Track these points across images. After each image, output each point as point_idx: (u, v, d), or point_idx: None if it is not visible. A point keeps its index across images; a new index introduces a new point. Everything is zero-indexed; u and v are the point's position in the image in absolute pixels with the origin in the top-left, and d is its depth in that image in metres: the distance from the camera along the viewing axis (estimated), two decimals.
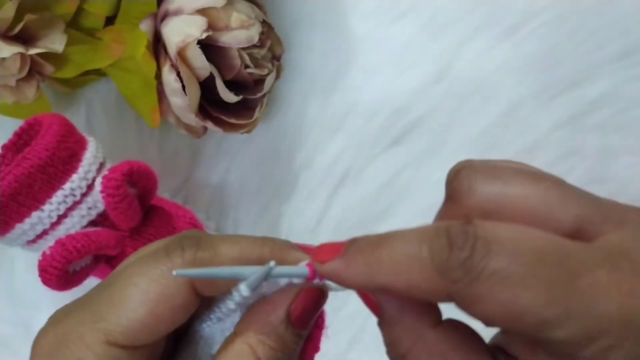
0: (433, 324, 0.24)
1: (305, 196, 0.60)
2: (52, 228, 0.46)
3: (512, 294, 0.20)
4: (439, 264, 0.21)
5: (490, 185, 0.23)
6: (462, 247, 0.20)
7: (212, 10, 0.49)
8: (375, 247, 0.23)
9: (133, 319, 0.24)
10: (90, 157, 0.47)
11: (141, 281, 0.25)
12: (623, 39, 0.57)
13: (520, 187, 0.23)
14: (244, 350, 0.25)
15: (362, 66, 0.60)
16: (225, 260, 0.25)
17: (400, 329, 0.24)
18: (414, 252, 0.21)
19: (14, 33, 0.47)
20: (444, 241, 0.21)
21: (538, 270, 0.20)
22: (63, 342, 0.25)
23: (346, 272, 0.23)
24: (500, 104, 0.58)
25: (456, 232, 0.21)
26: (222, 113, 0.53)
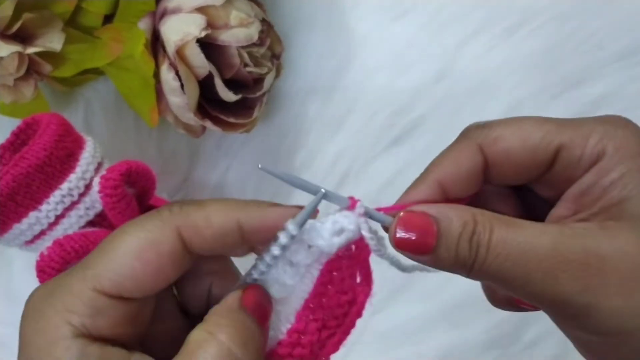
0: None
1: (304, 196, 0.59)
2: (50, 228, 0.46)
3: (519, 124, 0.29)
4: (463, 134, 0.30)
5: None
6: (478, 124, 0.30)
7: (211, 9, 0.49)
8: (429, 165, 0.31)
9: (121, 265, 0.25)
10: (88, 157, 0.47)
11: (132, 230, 0.26)
12: (624, 39, 0.57)
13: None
14: (202, 337, 0.25)
15: (362, 65, 0.59)
16: (210, 210, 0.26)
17: (461, 216, 0.27)
18: (451, 150, 0.31)
19: (11, 32, 0.47)
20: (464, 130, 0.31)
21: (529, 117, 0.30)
22: (51, 294, 0.25)
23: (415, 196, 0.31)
24: (501, 103, 0.58)
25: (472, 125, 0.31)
26: (221, 112, 0.52)
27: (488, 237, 0.26)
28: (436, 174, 0.30)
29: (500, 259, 0.26)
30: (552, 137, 0.28)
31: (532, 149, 0.28)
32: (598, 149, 0.27)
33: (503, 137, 0.29)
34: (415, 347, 0.56)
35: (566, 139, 0.28)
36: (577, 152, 0.28)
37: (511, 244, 0.26)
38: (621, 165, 0.27)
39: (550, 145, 0.28)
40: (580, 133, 0.28)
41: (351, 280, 0.29)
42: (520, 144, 0.28)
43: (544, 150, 0.28)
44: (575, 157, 0.28)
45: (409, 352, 0.56)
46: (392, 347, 0.56)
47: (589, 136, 0.28)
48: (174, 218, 0.26)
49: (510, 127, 0.29)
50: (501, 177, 0.30)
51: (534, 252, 0.26)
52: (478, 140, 0.29)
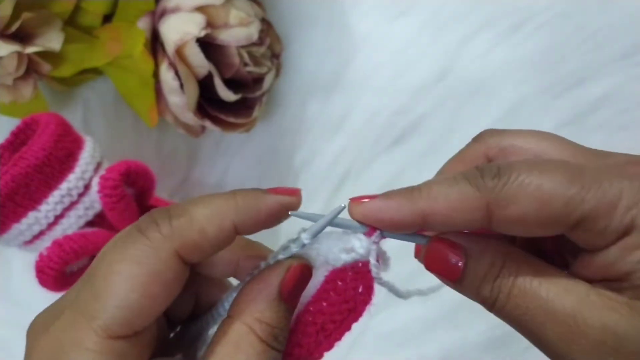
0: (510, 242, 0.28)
1: (305, 196, 0.59)
2: (49, 228, 0.46)
3: (538, 184, 0.24)
4: (475, 182, 0.25)
5: (509, 134, 0.30)
6: (490, 168, 0.25)
7: (210, 8, 0.49)
8: (413, 188, 0.26)
9: (126, 307, 0.24)
10: (87, 157, 0.46)
11: (122, 267, 0.24)
12: (626, 38, 0.57)
13: (533, 138, 0.29)
14: (243, 330, 0.25)
15: (362, 65, 0.59)
16: (203, 220, 0.25)
17: (490, 254, 0.27)
18: (449, 183, 0.26)
19: (11, 31, 0.47)
20: (474, 170, 0.26)
21: (553, 165, 0.25)
22: (59, 351, 0.24)
23: (387, 206, 0.26)
24: (503, 103, 0.58)
25: (483, 166, 0.26)
26: (221, 112, 0.52)
27: (510, 285, 0.26)
28: (425, 205, 0.26)
29: (519, 311, 0.26)
30: (573, 208, 0.24)
31: (548, 217, 0.25)
32: (626, 221, 0.24)
33: (517, 199, 0.25)
34: (416, 348, 0.56)
35: (590, 208, 0.24)
36: (602, 224, 0.24)
37: (532, 298, 0.25)
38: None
39: (570, 216, 0.25)
40: (607, 200, 0.24)
41: (354, 291, 0.29)
42: (536, 212, 0.25)
43: (564, 220, 0.25)
44: (600, 228, 0.25)
45: (410, 353, 0.56)
46: (393, 348, 0.56)
47: (617, 204, 0.24)
48: (168, 241, 0.25)
49: (528, 186, 0.24)
50: (505, 230, 0.26)
51: (554, 314, 0.25)
52: (489, 195, 0.25)
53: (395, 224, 0.26)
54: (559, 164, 0.25)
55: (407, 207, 0.26)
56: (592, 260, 0.26)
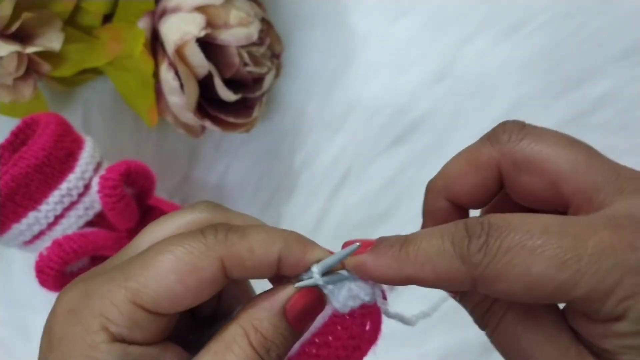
0: None
1: (305, 196, 0.59)
2: (49, 228, 0.46)
3: (527, 265, 0.23)
4: (460, 252, 0.24)
5: (527, 141, 0.27)
6: (480, 234, 0.24)
7: (210, 8, 0.49)
8: (403, 243, 0.26)
9: (163, 284, 0.25)
10: (87, 157, 0.47)
11: (177, 250, 0.25)
12: (626, 38, 0.57)
13: (552, 149, 0.27)
14: (238, 332, 0.26)
15: (362, 65, 0.59)
16: (254, 241, 0.26)
17: None
18: (438, 245, 0.25)
19: (11, 31, 0.47)
20: (463, 233, 0.24)
21: (547, 240, 0.23)
22: (88, 296, 0.25)
23: (375, 265, 0.26)
24: (503, 103, 0.58)
25: (472, 224, 0.24)
26: (221, 112, 0.52)
27: (497, 321, 0.27)
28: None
29: (500, 346, 0.27)
30: (565, 291, 0.23)
31: (538, 299, 0.24)
32: (619, 311, 0.23)
33: (505, 276, 0.23)
34: (416, 348, 0.56)
35: (582, 294, 0.23)
36: (594, 307, 0.23)
37: (511, 341, 0.26)
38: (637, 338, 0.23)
39: (561, 299, 0.23)
40: (602, 288, 0.23)
41: (361, 328, 0.30)
42: (523, 293, 0.23)
43: (554, 301, 0.24)
44: (591, 310, 0.23)
45: (409, 353, 0.56)
46: (392, 348, 0.56)
47: (612, 293, 0.23)
48: (219, 247, 0.26)
49: (516, 266, 0.23)
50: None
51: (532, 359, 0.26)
52: (475, 271, 0.24)
53: (384, 282, 0.27)
54: (557, 236, 0.23)
55: (395, 272, 0.26)
56: (584, 322, 0.25)
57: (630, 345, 0.23)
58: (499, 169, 0.28)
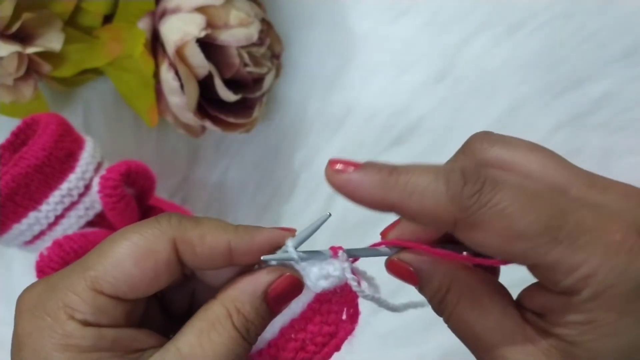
0: (461, 268, 0.29)
1: (305, 196, 0.60)
2: (50, 228, 0.46)
3: (512, 220, 0.24)
4: (453, 193, 0.25)
5: (498, 147, 0.28)
6: (475, 182, 0.25)
7: (211, 9, 0.49)
8: (393, 170, 0.26)
9: (120, 269, 0.26)
10: (87, 157, 0.47)
11: (131, 236, 0.27)
12: (625, 38, 0.57)
13: (523, 153, 0.28)
14: (222, 313, 0.27)
15: (362, 65, 0.59)
16: (205, 228, 0.28)
17: (437, 278, 0.28)
18: (430, 181, 0.25)
19: (11, 32, 0.47)
20: (459, 176, 0.25)
21: (536, 204, 0.24)
22: (49, 291, 0.26)
23: (361, 183, 0.26)
24: (502, 103, 0.58)
25: (471, 171, 0.25)
26: (221, 112, 0.52)
27: (452, 309, 0.28)
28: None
29: (457, 334, 0.29)
30: (536, 255, 0.25)
31: (510, 255, 0.25)
32: (577, 286, 0.24)
33: (484, 226, 0.24)
34: (416, 347, 0.56)
35: (551, 261, 0.24)
36: (556, 278, 0.25)
37: (464, 327, 0.28)
38: (589, 313, 0.25)
39: (530, 261, 0.25)
40: (570, 262, 0.24)
41: (337, 316, 0.31)
42: (498, 246, 0.25)
43: (524, 261, 0.25)
44: (552, 280, 0.25)
45: (409, 353, 0.56)
46: (392, 348, 0.56)
47: (577, 269, 0.24)
48: (172, 230, 0.27)
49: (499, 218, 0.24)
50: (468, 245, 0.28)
51: (480, 346, 0.28)
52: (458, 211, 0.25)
53: (365, 202, 0.27)
54: (548, 199, 0.25)
55: (380, 193, 0.26)
56: (539, 295, 0.27)
57: (578, 321, 0.25)
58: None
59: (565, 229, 0.24)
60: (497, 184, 0.25)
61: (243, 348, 0.27)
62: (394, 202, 0.26)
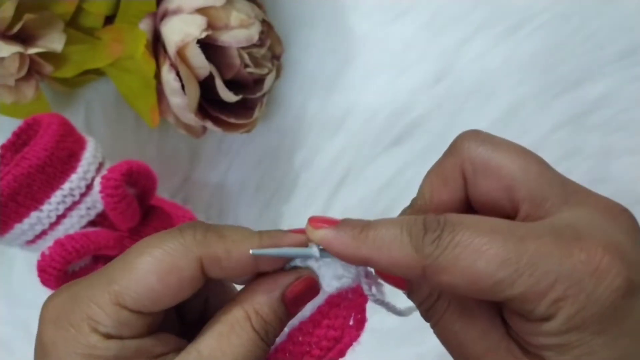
0: None
1: (305, 196, 0.60)
2: (51, 228, 0.46)
3: (471, 260, 0.25)
4: (416, 243, 0.26)
5: (484, 148, 0.29)
6: (435, 229, 0.26)
7: (211, 10, 0.49)
8: (364, 226, 0.27)
9: (143, 285, 0.26)
10: (89, 157, 0.47)
11: (155, 251, 0.27)
12: (624, 39, 0.57)
13: (508, 156, 0.28)
14: (241, 315, 0.27)
15: (362, 65, 0.59)
16: (230, 242, 0.28)
17: (427, 288, 0.29)
18: (395, 234, 0.26)
19: (13, 32, 0.47)
20: (420, 226, 0.26)
21: (492, 240, 0.25)
22: (73, 302, 0.27)
23: (335, 241, 0.27)
24: (501, 103, 0.58)
25: (430, 220, 0.26)
26: (222, 113, 0.53)
27: (438, 317, 0.29)
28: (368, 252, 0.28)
29: (441, 340, 0.30)
30: (502, 289, 0.25)
31: (477, 294, 0.25)
32: (551, 312, 0.25)
33: (450, 270, 0.25)
34: (415, 347, 0.56)
35: (518, 293, 0.25)
36: (528, 308, 0.25)
37: (450, 337, 0.29)
38: (565, 335, 0.25)
39: (498, 296, 0.25)
40: (538, 289, 0.24)
41: (345, 321, 0.31)
42: (465, 286, 0.25)
43: (492, 298, 0.25)
44: (525, 310, 0.25)
45: (408, 353, 0.56)
46: (392, 348, 0.56)
47: (546, 294, 0.24)
48: (197, 246, 0.27)
49: (463, 260, 0.25)
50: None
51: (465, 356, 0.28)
52: (425, 261, 0.26)
53: (341, 257, 0.28)
54: (502, 237, 0.25)
55: (352, 249, 0.27)
56: (518, 319, 0.27)
57: (555, 344, 0.25)
58: (463, 176, 0.30)
59: (524, 259, 0.24)
60: (455, 227, 0.25)
61: (262, 350, 0.28)
62: (366, 257, 0.27)
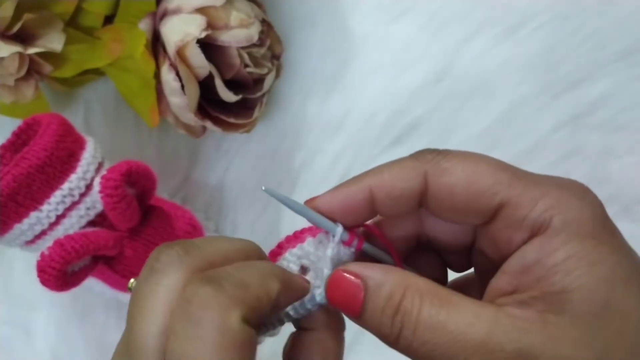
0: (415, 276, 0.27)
1: (305, 196, 0.59)
2: (51, 228, 0.46)
3: (474, 161, 0.27)
4: (416, 155, 0.28)
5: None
6: (432, 149, 0.28)
7: (211, 9, 0.49)
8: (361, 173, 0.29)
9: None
10: (88, 157, 0.47)
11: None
12: (624, 39, 0.57)
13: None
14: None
15: (362, 65, 0.59)
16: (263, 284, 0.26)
17: (388, 286, 0.25)
18: (394, 161, 0.28)
19: (12, 32, 0.47)
20: (418, 151, 0.28)
21: (489, 158, 0.27)
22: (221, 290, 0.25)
23: (336, 191, 0.29)
24: (501, 103, 0.58)
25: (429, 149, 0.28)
26: (222, 112, 0.53)
27: (415, 320, 0.24)
28: (371, 180, 0.28)
29: (428, 347, 0.24)
30: (499, 189, 0.26)
31: (475, 193, 0.26)
32: (544, 217, 0.25)
33: (451, 171, 0.27)
34: None
35: (513, 195, 0.25)
36: (522, 212, 0.25)
37: (441, 333, 0.24)
38: (567, 245, 0.24)
39: (495, 197, 0.26)
40: (531, 194, 0.25)
41: None
42: (465, 185, 0.26)
43: (488, 200, 0.26)
44: (518, 218, 0.25)
45: None
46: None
47: (539, 199, 0.25)
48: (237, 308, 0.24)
49: (464, 163, 0.27)
50: (438, 210, 0.28)
51: (466, 345, 0.23)
52: (427, 165, 0.27)
53: (345, 206, 0.28)
54: (496, 159, 0.27)
55: (355, 186, 0.28)
56: (509, 267, 0.25)
57: (558, 261, 0.24)
58: (424, 176, 0.28)
59: (520, 172, 0.26)
60: (451, 150, 0.28)
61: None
62: (370, 185, 0.28)
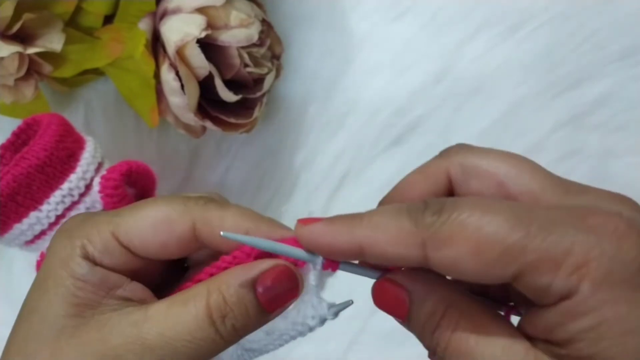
0: (459, 293, 0.26)
1: (305, 196, 0.60)
2: (50, 228, 0.46)
3: (478, 225, 0.22)
4: (415, 217, 0.24)
5: (474, 154, 0.28)
6: (435, 203, 0.24)
7: (211, 9, 0.49)
8: (358, 214, 0.26)
9: (138, 225, 0.28)
10: (88, 157, 0.47)
11: (161, 204, 0.29)
12: (624, 39, 0.57)
13: (499, 157, 0.27)
14: (201, 291, 0.27)
15: (362, 65, 0.59)
16: (228, 214, 0.29)
17: (431, 303, 0.26)
18: (393, 213, 0.25)
19: (12, 32, 0.47)
20: (420, 204, 0.24)
21: (500, 206, 0.23)
22: (83, 222, 0.29)
23: (327, 230, 0.26)
24: (501, 103, 0.58)
25: (431, 200, 0.24)
26: (222, 112, 0.53)
27: (448, 339, 0.25)
28: (363, 237, 0.25)
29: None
30: (511, 259, 0.22)
31: (485, 265, 0.23)
32: (571, 283, 0.21)
33: (453, 242, 0.23)
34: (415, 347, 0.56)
35: (530, 262, 0.22)
36: (544, 281, 0.22)
37: (465, 357, 0.24)
38: (596, 312, 0.21)
39: (508, 267, 0.22)
40: (553, 254, 0.21)
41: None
42: (470, 259, 0.22)
43: (500, 271, 0.22)
44: (541, 286, 0.22)
45: (408, 352, 0.56)
46: (391, 347, 0.56)
47: (563, 261, 0.21)
48: (196, 209, 0.29)
49: (467, 227, 0.22)
50: (445, 274, 0.25)
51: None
52: (425, 234, 0.23)
53: (333, 250, 0.26)
54: (508, 204, 0.23)
55: (346, 234, 0.25)
56: (537, 316, 0.24)
57: (586, 328, 0.22)
58: (448, 177, 0.29)
59: (536, 222, 0.22)
60: (457, 201, 0.24)
61: (208, 335, 0.26)
62: (360, 240, 0.25)
